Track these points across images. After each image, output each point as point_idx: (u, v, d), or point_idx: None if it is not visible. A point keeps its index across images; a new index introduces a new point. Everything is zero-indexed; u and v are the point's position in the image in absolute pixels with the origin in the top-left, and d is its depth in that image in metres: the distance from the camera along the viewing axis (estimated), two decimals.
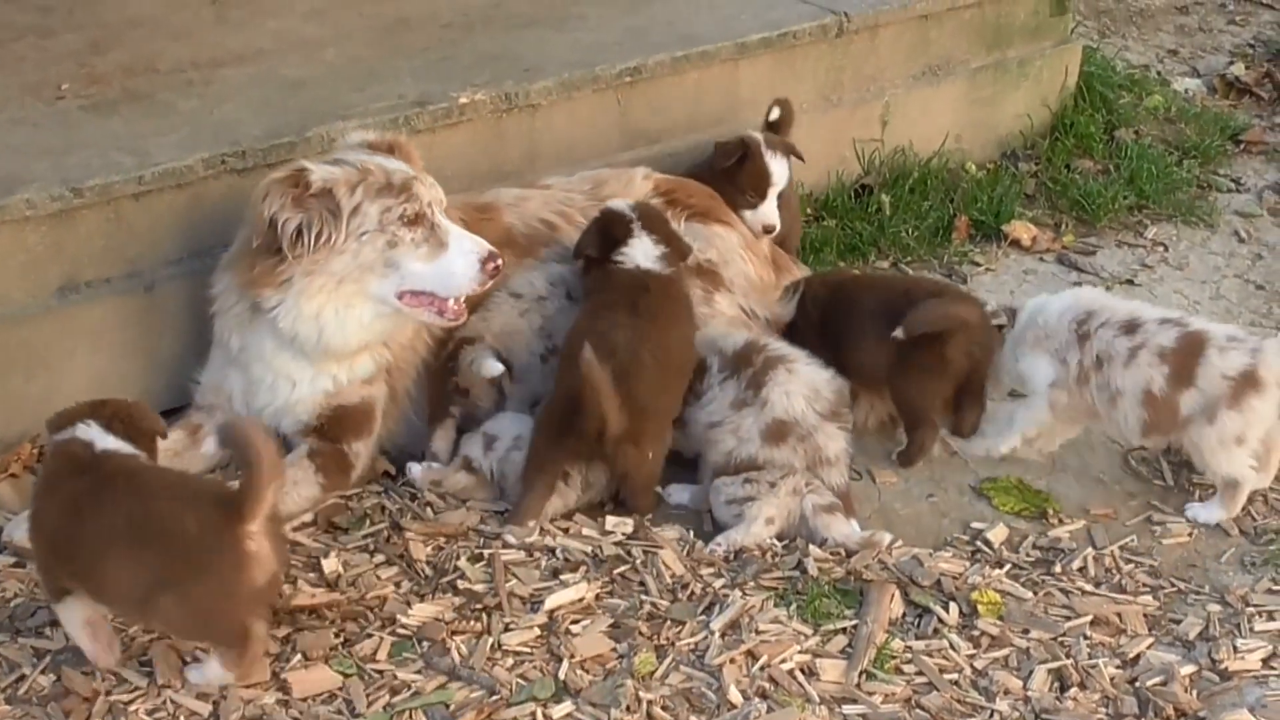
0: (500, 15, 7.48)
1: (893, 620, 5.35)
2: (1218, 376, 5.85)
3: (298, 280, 5.52)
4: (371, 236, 5.51)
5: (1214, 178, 8.56)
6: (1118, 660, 5.26)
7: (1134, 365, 5.91)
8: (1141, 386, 5.90)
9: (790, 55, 7.52)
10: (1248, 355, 5.86)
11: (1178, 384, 5.88)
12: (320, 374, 5.77)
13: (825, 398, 5.82)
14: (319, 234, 5.45)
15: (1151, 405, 5.91)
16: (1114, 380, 5.93)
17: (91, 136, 6.13)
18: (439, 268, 5.57)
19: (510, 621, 5.23)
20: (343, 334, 5.63)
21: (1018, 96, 8.44)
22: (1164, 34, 10.17)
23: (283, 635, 5.13)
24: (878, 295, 6.29)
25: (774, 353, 5.89)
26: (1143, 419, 5.94)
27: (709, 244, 6.41)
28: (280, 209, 5.43)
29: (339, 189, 5.48)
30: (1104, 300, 6.21)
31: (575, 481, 5.78)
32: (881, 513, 5.96)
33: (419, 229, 5.55)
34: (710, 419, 5.85)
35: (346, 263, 5.52)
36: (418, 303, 5.62)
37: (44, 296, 5.83)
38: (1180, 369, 5.88)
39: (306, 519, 5.71)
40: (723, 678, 5.02)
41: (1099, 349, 5.95)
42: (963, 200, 7.93)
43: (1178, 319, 6.03)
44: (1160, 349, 5.90)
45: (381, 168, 5.58)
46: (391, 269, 5.55)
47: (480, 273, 5.56)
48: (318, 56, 6.95)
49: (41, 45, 6.96)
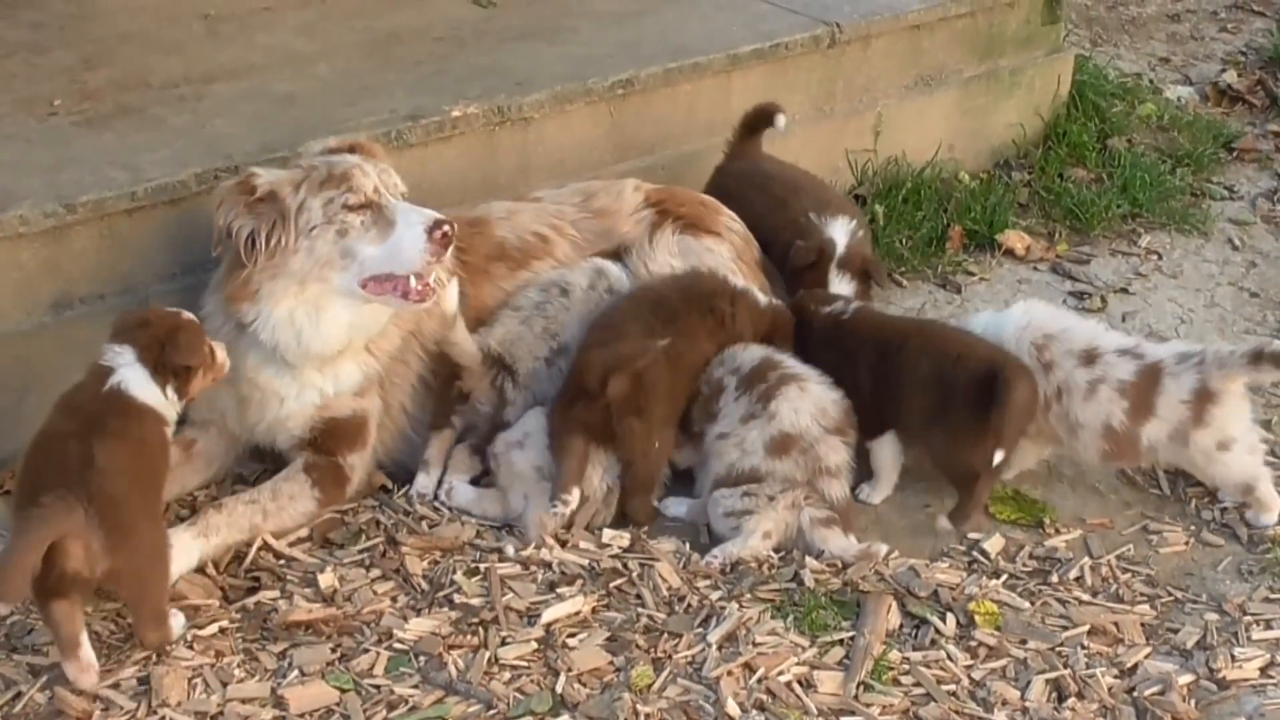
0: (492, 29, 7.49)
1: (890, 631, 5.35)
2: (1176, 403, 5.87)
3: (264, 287, 5.55)
4: (321, 230, 5.53)
5: (1207, 186, 8.57)
6: (1115, 670, 5.26)
7: (1094, 400, 5.91)
8: (1102, 420, 5.92)
9: (782, 66, 7.53)
10: (1195, 373, 5.87)
11: (1138, 416, 5.90)
12: (306, 387, 5.77)
13: (832, 416, 5.83)
14: (269, 237, 5.49)
15: (1112, 438, 5.93)
16: (1073, 412, 5.94)
17: (84, 152, 6.13)
18: (390, 247, 5.53)
19: (507, 635, 5.22)
20: (320, 335, 5.63)
21: (1010, 106, 8.46)
22: (1156, 42, 10.18)
23: (279, 650, 5.13)
24: (931, 357, 5.94)
25: (788, 370, 5.89)
26: (1102, 449, 5.97)
27: (700, 258, 6.39)
28: (234, 217, 5.51)
29: (283, 189, 5.53)
30: (1060, 320, 6.17)
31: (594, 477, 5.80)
32: (878, 524, 5.95)
33: (366, 213, 5.54)
34: (719, 431, 5.86)
35: (303, 261, 5.53)
36: (381, 289, 5.59)
37: (38, 313, 5.84)
38: (1140, 402, 5.89)
39: (302, 534, 5.70)
40: (720, 690, 5.01)
41: (1061, 379, 5.94)
42: (956, 210, 7.93)
43: (1133, 349, 6.02)
44: (1120, 384, 5.91)
45: (326, 163, 5.62)
46: (349, 258, 5.55)
47: (429, 242, 5.50)
48: (309, 71, 6.96)
49: (33, 61, 6.96)
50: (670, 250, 6.35)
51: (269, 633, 5.21)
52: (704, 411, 5.94)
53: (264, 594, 5.39)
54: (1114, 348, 5.99)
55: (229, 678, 5.02)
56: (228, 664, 5.07)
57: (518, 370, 6.06)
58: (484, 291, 6.18)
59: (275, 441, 5.88)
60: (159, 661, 5.04)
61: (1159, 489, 6.21)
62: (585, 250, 6.38)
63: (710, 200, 6.69)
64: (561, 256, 6.32)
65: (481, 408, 6.07)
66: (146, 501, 5.04)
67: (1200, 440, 5.86)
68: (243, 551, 5.57)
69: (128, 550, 4.85)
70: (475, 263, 6.16)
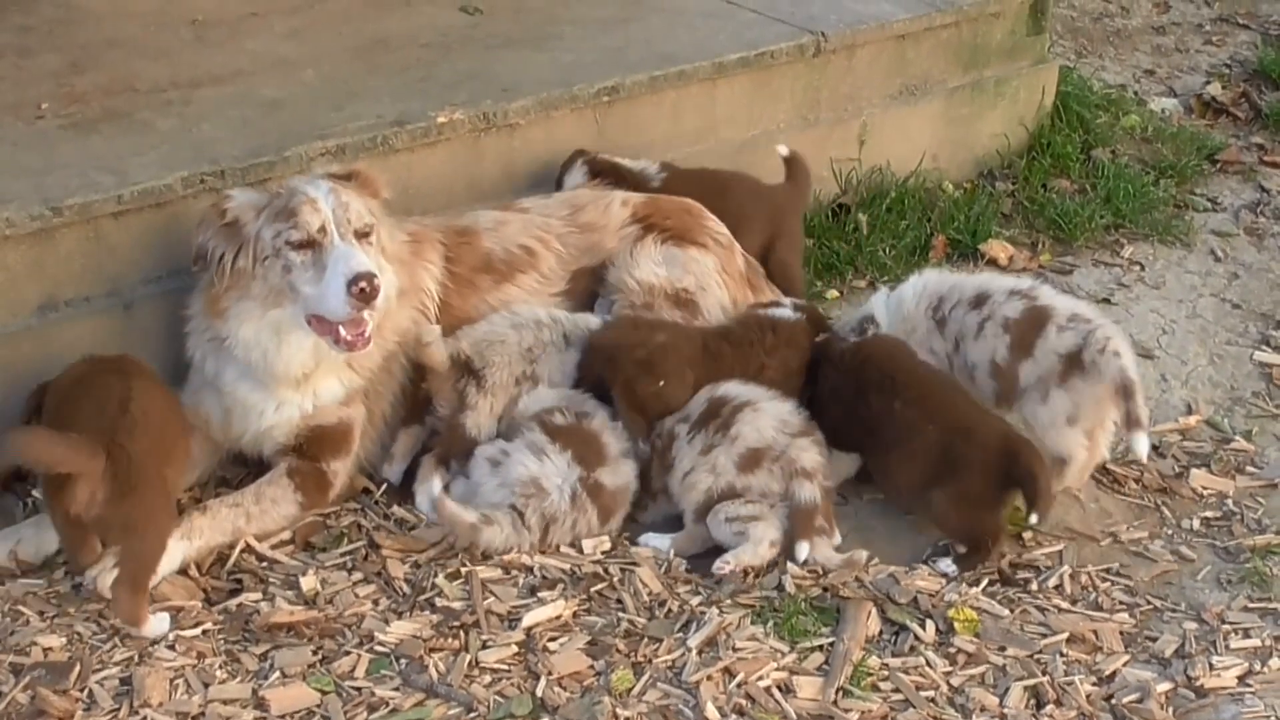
0: (478, 35, 7.50)
1: (870, 638, 5.37)
2: (1051, 352, 5.95)
3: (233, 308, 5.61)
4: (271, 261, 5.56)
5: (1190, 197, 8.58)
6: (1094, 677, 5.28)
7: (981, 337, 6.06)
8: (988, 357, 6.04)
9: (767, 75, 7.54)
10: (1079, 337, 5.95)
11: (1018, 354, 6.00)
12: (284, 403, 5.80)
13: (793, 423, 5.85)
14: (234, 262, 5.55)
15: (998, 375, 6.04)
16: (969, 355, 6.08)
17: (71, 156, 6.13)
18: (320, 291, 5.52)
19: (488, 639, 5.25)
20: (282, 359, 5.68)
21: (994, 116, 8.47)
22: (1141, 54, 10.20)
23: (261, 652, 5.15)
24: (939, 425, 5.83)
25: (738, 401, 5.88)
26: (995, 389, 6.08)
27: (686, 270, 6.40)
28: (206, 237, 5.58)
29: (245, 215, 5.57)
30: (952, 280, 6.34)
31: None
32: (859, 530, 5.96)
33: (308, 252, 5.53)
34: (682, 471, 5.84)
35: (260, 287, 5.58)
36: (322, 329, 5.59)
37: (24, 315, 5.84)
38: (1021, 340, 5.99)
39: (284, 537, 5.71)
40: (700, 695, 5.03)
41: (954, 330, 6.08)
42: (940, 219, 7.94)
43: (1027, 290, 6.15)
44: (1005, 320, 6.04)
45: (290, 191, 5.62)
46: (294, 293, 5.57)
47: (348, 295, 5.44)
48: (296, 77, 6.97)
49: (20, 65, 6.97)
50: (655, 260, 6.36)
51: (251, 634, 5.22)
52: (660, 465, 5.91)
53: (246, 596, 5.41)
54: (1006, 289, 6.16)
55: (211, 679, 5.03)
56: (209, 665, 5.09)
57: (484, 376, 6.00)
58: (470, 303, 6.18)
59: (261, 450, 5.91)
60: (141, 662, 5.06)
61: (1139, 498, 6.23)
62: (571, 265, 6.39)
63: (696, 209, 6.67)
64: (547, 271, 6.33)
65: (440, 410, 6.06)
66: (160, 467, 5.20)
67: (1058, 403, 5.96)
68: (225, 554, 5.59)
69: (127, 507, 5.01)
70: (462, 274, 6.17)
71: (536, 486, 5.66)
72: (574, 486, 5.70)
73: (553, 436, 5.78)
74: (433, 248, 6.12)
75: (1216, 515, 6.16)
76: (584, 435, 5.83)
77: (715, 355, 6.04)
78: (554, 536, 5.69)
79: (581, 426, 5.86)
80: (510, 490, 5.67)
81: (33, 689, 4.93)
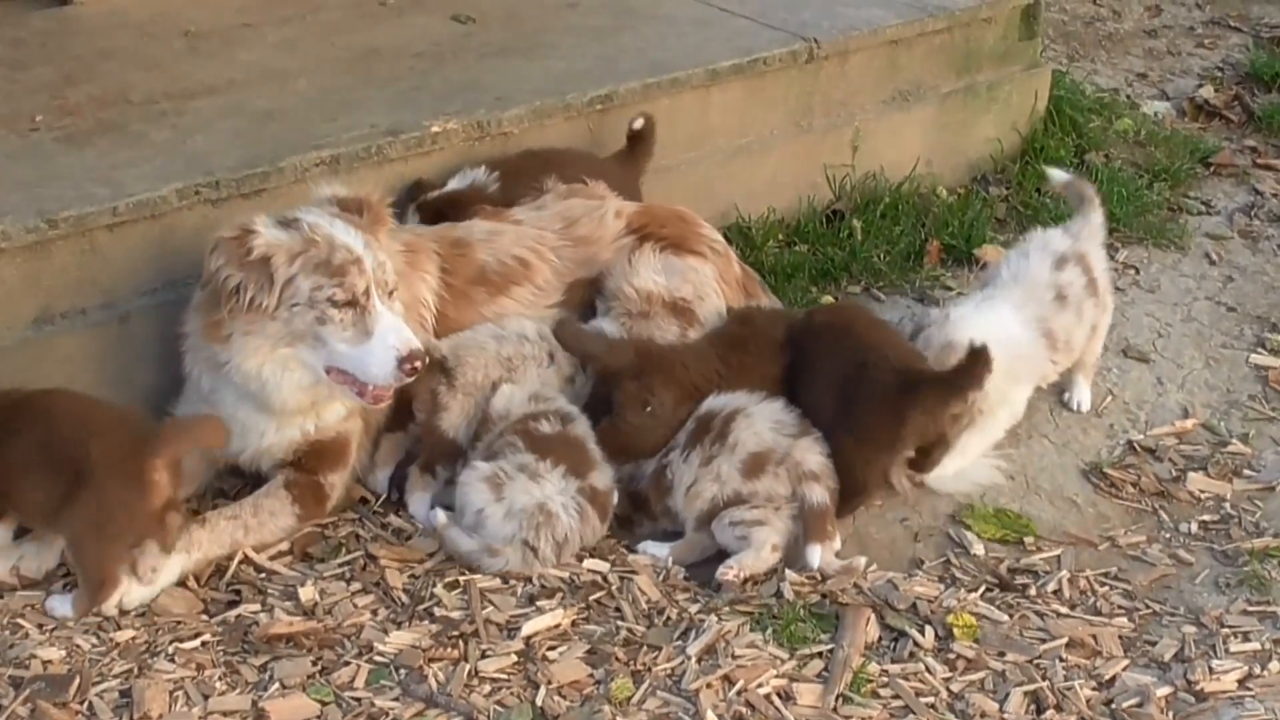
0: (471, 44, 7.50)
1: (869, 644, 5.37)
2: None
3: (237, 337, 5.55)
4: (302, 309, 5.50)
5: (1184, 200, 8.59)
6: (1094, 682, 5.29)
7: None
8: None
9: (760, 81, 7.55)
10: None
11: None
12: (285, 426, 5.79)
13: (790, 422, 5.85)
14: (253, 299, 5.47)
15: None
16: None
17: (65, 168, 6.12)
18: (360, 354, 5.52)
19: (487, 648, 5.24)
20: (281, 394, 5.65)
21: (988, 121, 8.48)
22: (1133, 58, 10.21)
23: (260, 664, 5.14)
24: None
25: (727, 410, 5.89)
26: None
27: (684, 279, 6.37)
28: (222, 266, 5.47)
29: (278, 257, 5.47)
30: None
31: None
32: (856, 537, 5.97)
33: (349, 311, 5.50)
34: (685, 485, 5.84)
35: (279, 329, 5.53)
36: (342, 380, 5.59)
37: (19, 328, 5.82)
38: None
39: (283, 547, 5.71)
40: (699, 703, 5.03)
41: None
42: (934, 225, 7.94)
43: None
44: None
45: (329, 241, 5.54)
46: (320, 343, 5.54)
47: (397, 370, 5.49)
48: (290, 87, 6.96)
49: (14, 78, 6.95)
50: (654, 268, 6.34)
51: (250, 646, 5.22)
52: (656, 489, 5.92)
53: (245, 607, 5.40)
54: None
55: (210, 690, 5.02)
56: (209, 676, 5.07)
57: (455, 374, 6.00)
58: (464, 315, 6.16)
59: (260, 467, 5.90)
60: (140, 674, 5.05)
61: (1137, 502, 6.24)
62: (567, 277, 6.37)
63: (690, 216, 6.66)
64: (542, 283, 6.30)
65: (418, 415, 6.05)
66: (119, 467, 5.26)
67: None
68: (224, 565, 5.59)
69: (71, 509, 5.17)
70: (457, 285, 6.15)
71: (545, 513, 5.62)
72: (575, 499, 5.69)
73: (540, 453, 5.74)
74: (428, 258, 6.10)
75: (1214, 519, 6.18)
76: (570, 442, 5.82)
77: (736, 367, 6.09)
78: (567, 555, 5.67)
79: (567, 433, 5.84)
80: (519, 523, 5.63)
81: (32, 702, 4.92)
